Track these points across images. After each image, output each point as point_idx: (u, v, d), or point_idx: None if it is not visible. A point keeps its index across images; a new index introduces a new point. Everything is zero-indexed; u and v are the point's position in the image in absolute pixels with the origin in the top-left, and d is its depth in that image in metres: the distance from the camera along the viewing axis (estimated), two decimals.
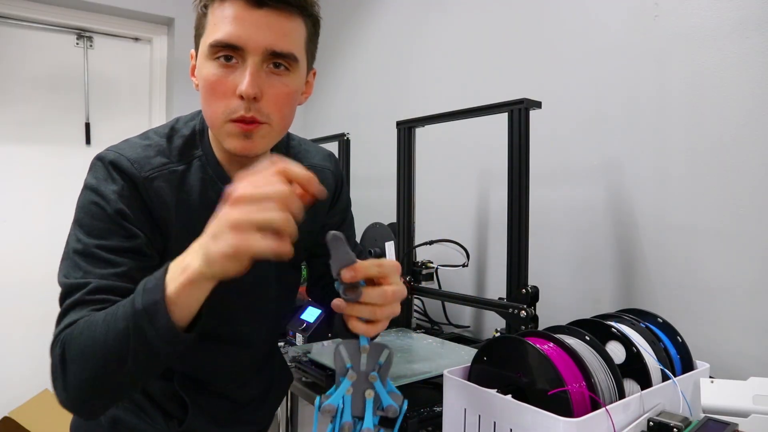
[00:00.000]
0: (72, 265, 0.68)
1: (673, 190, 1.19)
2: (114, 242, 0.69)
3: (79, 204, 0.72)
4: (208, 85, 0.70)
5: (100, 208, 0.70)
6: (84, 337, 0.60)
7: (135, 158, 0.74)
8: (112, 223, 0.70)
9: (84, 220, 0.71)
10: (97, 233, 0.69)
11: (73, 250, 0.69)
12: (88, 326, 0.60)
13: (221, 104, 0.70)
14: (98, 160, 0.74)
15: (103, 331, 0.58)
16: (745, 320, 1.07)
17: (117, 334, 0.57)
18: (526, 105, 1.15)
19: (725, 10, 1.10)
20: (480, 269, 1.67)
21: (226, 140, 0.72)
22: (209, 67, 0.69)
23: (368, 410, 0.58)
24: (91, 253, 0.68)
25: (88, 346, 0.59)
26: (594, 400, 0.68)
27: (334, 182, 0.99)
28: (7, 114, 2.26)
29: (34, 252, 2.28)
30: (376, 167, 2.15)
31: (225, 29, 0.67)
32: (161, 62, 2.57)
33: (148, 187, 0.74)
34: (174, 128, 0.81)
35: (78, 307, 0.64)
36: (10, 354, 2.25)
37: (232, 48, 0.68)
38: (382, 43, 2.15)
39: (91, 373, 0.59)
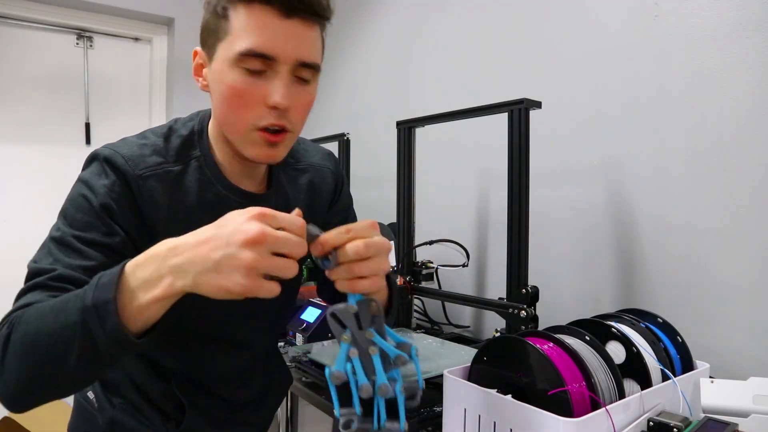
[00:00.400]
0: (45, 251, 0.68)
1: (673, 190, 1.19)
2: (91, 235, 0.68)
3: (68, 196, 0.73)
4: (234, 93, 0.68)
5: (86, 200, 0.70)
6: (31, 323, 0.57)
7: (129, 156, 0.73)
8: (95, 217, 0.69)
9: (69, 210, 0.71)
10: (78, 225, 0.69)
11: (51, 237, 0.69)
12: (37, 312, 0.58)
13: (249, 113, 0.69)
14: (92, 155, 0.75)
15: (51, 321, 0.56)
16: (745, 320, 1.07)
17: (64, 326, 0.55)
18: (526, 105, 1.15)
19: (725, 10, 1.10)
20: (480, 269, 1.67)
21: (248, 148, 0.72)
22: (235, 75, 0.67)
23: (377, 366, 0.58)
24: (67, 242, 0.67)
25: (33, 333, 0.56)
26: (594, 400, 0.68)
27: (334, 181, 0.98)
28: (7, 114, 2.26)
29: (34, 252, 2.28)
30: (376, 167, 2.15)
31: (258, 39, 0.66)
32: (161, 62, 2.57)
33: (140, 186, 0.73)
34: (172, 128, 0.80)
35: (36, 290, 0.62)
36: None
37: (264, 58, 0.67)
38: (382, 43, 2.15)
39: (32, 363, 0.56)
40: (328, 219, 0.98)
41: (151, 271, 0.55)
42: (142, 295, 0.55)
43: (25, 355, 0.56)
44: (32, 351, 0.56)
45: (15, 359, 0.57)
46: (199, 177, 0.77)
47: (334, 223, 0.98)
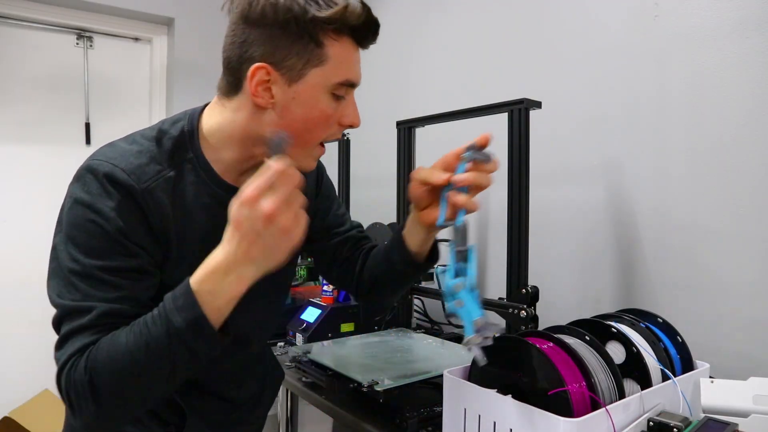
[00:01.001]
0: (67, 284, 0.66)
1: (673, 190, 1.19)
2: (115, 263, 0.68)
3: (70, 220, 0.69)
4: (324, 117, 0.74)
5: (97, 226, 0.67)
6: (118, 363, 0.62)
7: (130, 169, 0.71)
8: (113, 242, 0.68)
9: (79, 238, 0.68)
10: (97, 253, 0.67)
11: (69, 269, 0.67)
12: (119, 353, 0.62)
13: (326, 132, 0.76)
14: (88, 172, 0.70)
15: (142, 356, 0.62)
16: (745, 320, 1.07)
17: (159, 355, 0.62)
18: (526, 105, 1.15)
19: (725, 10, 1.10)
20: (480, 269, 1.67)
21: (306, 159, 0.78)
22: (328, 100, 0.73)
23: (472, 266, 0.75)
24: (91, 274, 0.66)
25: (126, 368, 0.62)
26: (594, 400, 0.68)
27: (316, 171, 1.00)
28: (7, 114, 2.26)
29: (34, 252, 2.28)
30: (376, 167, 2.15)
31: (353, 71, 0.75)
32: (161, 62, 2.57)
33: (147, 199, 0.71)
34: (161, 130, 0.77)
35: (85, 332, 0.64)
36: (10, 354, 2.25)
37: (351, 86, 0.75)
38: (382, 43, 2.14)
39: (135, 392, 0.64)
40: (317, 206, 0.99)
41: (218, 278, 0.63)
42: (218, 299, 0.63)
43: (125, 389, 0.63)
44: (132, 383, 0.63)
45: (113, 396, 0.63)
46: (194, 179, 0.76)
47: (323, 209, 1.00)
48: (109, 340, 0.64)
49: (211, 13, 2.53)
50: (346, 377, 1.06)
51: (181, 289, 0.64)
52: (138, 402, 0.66)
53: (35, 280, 2.24)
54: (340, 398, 1.11)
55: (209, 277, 0.63)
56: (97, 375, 0.62)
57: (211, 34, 2.50)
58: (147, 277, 0.71)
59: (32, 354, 2.24)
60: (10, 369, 2.24)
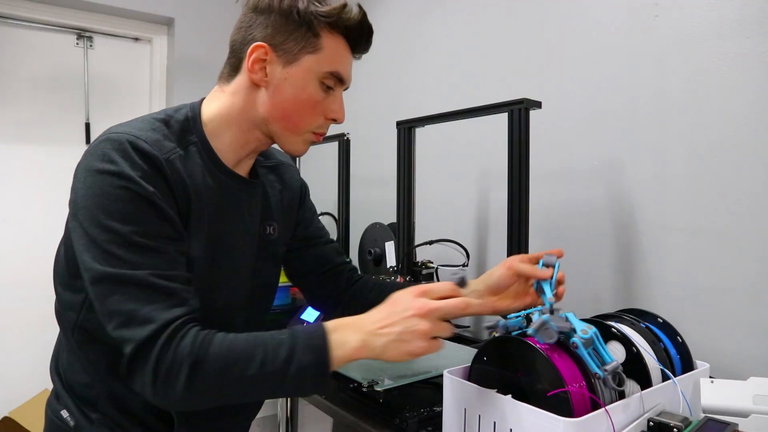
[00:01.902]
0: (106, 254, 0.66)
1: (673, 190, 1.19)
2: (152, 227, 0.68)
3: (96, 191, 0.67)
4: (311, 102, 0.80)
5: (130, 191, 0.67)
6: (232, 362, 0.65)
7: (151, 140, 0.72)
8: (147, 206, 0.68)
9: (112, 206, 0.67)
10: (133, 219, 0.67)
11: (106, 239, 0.66)
12: (232, 351, 0.66)
13: (313, 120, 0.82)
14: (108, 142, 0.70)
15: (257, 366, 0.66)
16: (745, 320, 1.07)
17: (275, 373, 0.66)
18: (526, 105, 1.15)
19: (725, 10, 1.10)
20: (480, 269, 1.67)
21: (296, 144, 0.84)
22: (316, 87, 0.80)
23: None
24: (132, 241, 0.66)
25: (235, 374, 0.65)
26: (594, 400, 0.68)
27: (299, 179, 1.05)
28: (7, 114, 2.26)
29: (34, 252, 2.28)
30: (376, 167, 2.15)
31: (344, 66, 0.81)
32: (161, 62, 2.57)
33: (170, 169, 0.72)
34: (168, 114, 0.80)
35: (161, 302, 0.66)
36: (10, 354, 2.25)
37: (340, 81, 0.82)
38: (382, 43, 2.15)
39: (228, 395, 0.67)
40: (300, 215, 1.04)
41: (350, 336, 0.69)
42: (340, 351, 0.68)
43: (223, 386, 0.66)
44: (232, 385, 0.66)
45: (210, 385, 0.65)
46: (200, 162, 0.79)
47: (306, 219, 1.05)
48: (221, 337, 0.67)
49: (211, 13, 2.53)
50: (346, 377, 1.06)
51: (317, 330, 0.69)
52: (222, 402, 0.69)
53: (35, 280, 2.25)
54: (340, 398, 1.11)
55: (343, 329, 0.70)
56: (205, 364, 0.65)
57: (211, 34, 2.51)
58: (181, 242, 0.73)
59: (32, 354, 2.25)
60: (10, 369, 2.24)
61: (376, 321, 0.69)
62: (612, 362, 0.70)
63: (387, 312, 0.70)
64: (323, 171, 2.40)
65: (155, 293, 0.66)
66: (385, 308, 0.71)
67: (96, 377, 0.79)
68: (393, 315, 0.69)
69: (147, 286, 0.66)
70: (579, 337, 0.71)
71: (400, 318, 0.68)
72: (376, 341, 0.68)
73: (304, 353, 0.67)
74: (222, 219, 0.81)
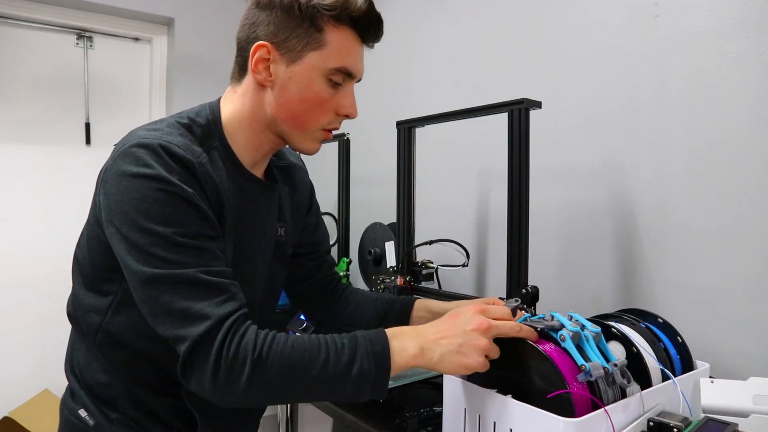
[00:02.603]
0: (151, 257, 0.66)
1: (673, 190, 1.19)
2: (193, 228, 0.68)
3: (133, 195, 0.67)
4: (318, 100, 0.78)
5: (168, 193, 0.67)
6: (295, 361, 0.66)
7: (182, 145, 0.72)
8: (188, 207, 0.68)
9: (152, 209, 0.66)
10: (174, 220, 0.67)
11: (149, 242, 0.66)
12: (295, 351, 0.67)
13: (323, 117, 0.80)
14: (140, 147, 0.69)
15: (319, 367, 0.66)
16: (745, 320, 1.07)
17: (337, 375, 0.67)
18: (526, 105, 1.15)
19: (725, 10, 1.10)
20: (480, 269, 1.67)
21: (306, 142, 0.82)
22: (322, 84, 0.77)
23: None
24: (176, 242, 0.66)
25: (299, 372, 0.66)
26: (594, 400, 0.68)
27: (308, 182, 1.04)
28: (7, 114, 2.26)
29: (34, 252, 2.28)
30: (376, 167, 2.15)
31: (350, 60, 0.78)
32: (161, 62, 2.57)
33: (203, 172, 0.73)
34: (189, 118, 0.79)
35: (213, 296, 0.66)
36: (10, 354, 2.25)
37: (349, 76, 0.79)
38: (382, 43, 2.15)
39: (289, 389, 0.67)
40: (307, 220, 1.03)
41: (408, 343, 0.70)
42: (398, 360, 0.69)
43: (285, 384, 0.66)
44: (293, 384, 0.66)
45: (272, 382, 0.66)
46: (222, 166, 0.79)
47: (311, 224, 1.04)
48: (288, 338, 0.68)
49: (211, 12, 2.53)
50: None
51: (379, 336, 0.70)
52: (282, 400, 0.73)
53: (35, 280, 2.26)
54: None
55: (403, 336, 0.71)
56: (268, 362, 0.65)
57: (212, 33, 2.51)
58: (221, 241, 0.73)
59: (32, 354, 2.25)
60: (10, 369, 2.24)
61: (437, 332, 0.71)
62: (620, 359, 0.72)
63: (449, 324, 0.72)
64: (323, 171, 2.40)
65: (206, 290, 0.66)
66: (446, 320, 0.73)
67: (116, 377, 0.79)
68: (454, 327, 0.71)
69: (197, 284, 0.66)
70: (568, 330, 0.71)
71: (461, 331, 0.70)
72: (435, 350, 0.69)
73: (365, 358, 0.68)
74: (243, 222, 0.82)
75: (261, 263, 0.87)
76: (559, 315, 0.77)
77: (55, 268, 2.21)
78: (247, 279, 0.82)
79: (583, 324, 0.74)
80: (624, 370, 0.71)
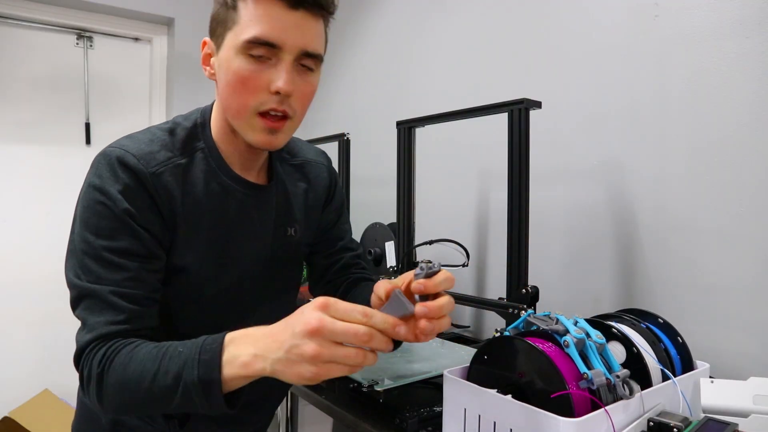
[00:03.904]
0: (81, 266, 0.70)
1: (673, 190, 1.19)
2: (122, 243, 0.71)
3: (83, 203, 0.72)
4: (238, 79, 0.71)
5: (105, 207, 0.71)
6: (128, 375, 0.64)
7: (140, 154, 0.74)
8: (119, 223, 0.71)
9: (90, 220, 0.71)
10: (105, 234, 0.70)
11: (82, 250, 0.70)
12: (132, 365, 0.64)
13: (252, 98, 0.72)
14: (102, 157, 0.74)
15: (149, 380, 0.62)
16: (745, 320, 1.07)
17: (165, 388, 0.62)
18: (526, 105, 1.15)
19: (725, 10, 1.10)
20: (480, 269, 1.67)
21: (249, 133, 0.75)
22: (240, 61, 0.71)
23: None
24: (101, 255, 0.70)
25: (131, 387, 0.64)
26: (594, 400, 0.68)
27: (329, 177, 1.01)
28: (7, 114, 2.26)
29: (34, 252, 2.28)
30: (376, 167, 2.15)
31: (264, 27, 0.69)
32: (161, 62, 2.57)
33: (155, 183, 0.74)
34: (176, 122, 0.82)
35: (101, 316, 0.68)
36: (10, 354, 2.25)
37: (270, 46, 0.70)
38: (382, 43, 2.15)
39: (129, 405, 0.66)
40: (324, 217, 1.00)
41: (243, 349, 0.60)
42: (231, 372, 0.60)
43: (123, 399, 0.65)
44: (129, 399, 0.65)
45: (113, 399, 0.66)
46: (204, 168, 0.79)
47: (329, 221, 1.01)
48: (129, 349, 0.66)
49: (211, 12, 2.53)
50: (346, 377, 1.06)
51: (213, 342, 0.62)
52: (134, 413, 0.69)
53: (35, 280, 2.26)
54: (340, 398, 1.11)
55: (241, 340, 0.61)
56: (108, 376, 0.65)
57: None
58: (154, 260, 0.74)
59: (32, 354, 2.25)
60: (10, 369, 2.24)
61: (269, 334, 0.59)
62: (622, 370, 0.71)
63: (283, 325, 0.59)
64: None
65: (107, 308, 0.69)
66: (287, 318, 0.59)
67: None
68: (286, 329, 0.57)
69: (101, 300, 0.69)
70: (572, 336, 0.71)
71: (290, 333, 0.56)
72: (268, 357, 0.58)
73: (191, 368, 0.61)
74: (226, 224, 0.81)
75: (251, 264, 0.86)
76: (563, 318, 0.77)
77: (56, 268, 2.20)
78: (236, 278, 0.83)
79: (588, 332, 0.74)
80: (627, 380, 0.71)
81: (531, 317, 0.79)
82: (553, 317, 0.78)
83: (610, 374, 0.70)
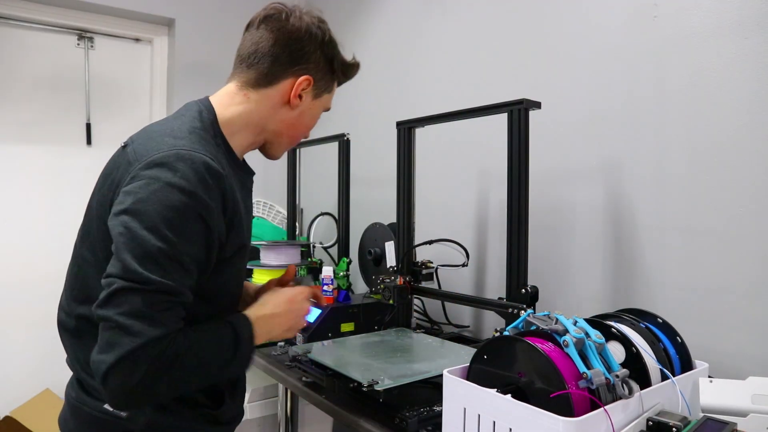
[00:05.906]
0: (153, 261, 0.69)
1: (672, 190, 1.19)
2: (195, 249, 0.74)
3: (164, 203, 0.71)
4: (311, 122, 0.98)
5: (198, 216, 0.73)
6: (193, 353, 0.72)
7: (214, 155, 0.79)
8: (206, 233, 0.75)
9: (176, 221, 0.71)
10: (192, 241, 0.73)
11: (159, 248, 0.69)
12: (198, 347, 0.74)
13: (306, 133, 1.00)
14: (180, 160, 0.74)
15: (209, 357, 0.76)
16: (744, 320, 1.07)
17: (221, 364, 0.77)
18: (526, 105, 1.16)
19: (725, 11, 1.10)
20: (480, 269, 1.68)
21: (280, 150, 0.98)
22: (317, 113, 0.98)
23: None
24: (180, 259, 0.71)
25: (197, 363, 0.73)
26: (593, 400, 0.69)
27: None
28: (8, 114, 2.27)
29: (34, 252, 2.29)
30: (376, 167, 2.15)
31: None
32: (162, 63, 2.58)
33: (228, 184, 0.79)
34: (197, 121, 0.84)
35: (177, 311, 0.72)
36: (11, 354, 2.25)
37: None
38: (382, 43, 2.15)
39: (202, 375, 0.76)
40: None
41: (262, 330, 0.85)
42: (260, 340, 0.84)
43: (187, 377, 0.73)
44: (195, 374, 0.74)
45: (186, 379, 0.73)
46: (226, 162, 0.85)
47: None
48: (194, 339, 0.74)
49: (211, 13, 2.53)
50: (346, 377, 1.06)
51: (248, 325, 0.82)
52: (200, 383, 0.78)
53: (36, 280, 2.26)
54: (340, 398, 1.12)
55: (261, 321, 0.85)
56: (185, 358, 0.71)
57: (212, 34, 2.51)
58: (202, 263, 0.77)
59: (33, 354, 2.25)
60: (10, 369, 2.25)
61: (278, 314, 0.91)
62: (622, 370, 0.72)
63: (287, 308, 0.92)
64: (323, 171, 2.41)
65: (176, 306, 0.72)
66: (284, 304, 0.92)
67: None
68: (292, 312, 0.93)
69: (174, 299, 0.71)
70: (572, 336, 0.72)
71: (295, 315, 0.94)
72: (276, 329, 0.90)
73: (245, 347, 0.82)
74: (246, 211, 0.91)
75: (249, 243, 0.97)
76: (563, 318, 0.77)
77: (56, 268, 2.20)
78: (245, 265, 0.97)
79: (588, 332, 0.74)
80: (626, 380, 0.71)
81: (530, 317, 0.79)
82: (552, 317, 0.78)
83: (610, 374, 0.70)
